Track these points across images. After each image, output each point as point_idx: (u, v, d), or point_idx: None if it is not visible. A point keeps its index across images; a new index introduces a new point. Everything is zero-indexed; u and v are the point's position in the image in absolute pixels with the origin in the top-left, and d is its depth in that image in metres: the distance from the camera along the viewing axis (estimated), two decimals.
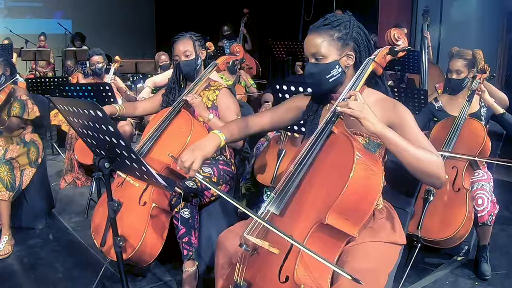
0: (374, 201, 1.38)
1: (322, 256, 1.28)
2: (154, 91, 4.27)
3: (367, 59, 1.54)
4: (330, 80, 1.54)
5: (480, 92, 2.60)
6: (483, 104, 2.69)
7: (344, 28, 1.52)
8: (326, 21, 1.53)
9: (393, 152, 1.41)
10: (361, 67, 1.54)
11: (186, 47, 2.38)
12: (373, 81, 1.61)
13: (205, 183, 1.47)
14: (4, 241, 2.67)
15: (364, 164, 1.35)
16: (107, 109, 2.34)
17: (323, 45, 1.51)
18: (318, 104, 1.67)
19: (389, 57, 1.58)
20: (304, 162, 1.46)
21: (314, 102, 1.68)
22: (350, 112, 1.39)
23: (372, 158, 1.40)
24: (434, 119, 2.82)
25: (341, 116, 1.46)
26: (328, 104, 1.65)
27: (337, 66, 1.53)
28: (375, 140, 1.54)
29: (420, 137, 1.45)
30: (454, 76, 2.66)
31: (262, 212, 1.45)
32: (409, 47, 1.59)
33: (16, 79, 2.99)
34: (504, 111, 2.63)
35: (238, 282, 1.46)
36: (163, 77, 4.09)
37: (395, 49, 1.56)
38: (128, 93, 4.47)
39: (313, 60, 1.55)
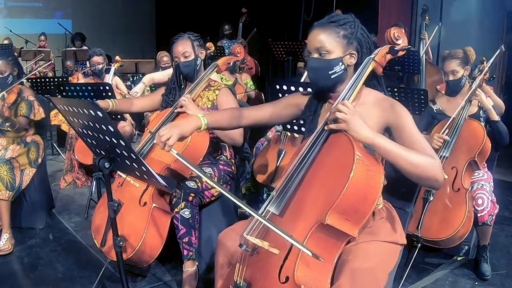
0: (374, 201, 1.37)
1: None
2: (154, 88, 4.26)
3: (367, 58, 1.54)
4: (332, 77, 1.53)
5: (477, 97, 2.59)
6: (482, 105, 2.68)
7: (350, 27, 1.52)
8: (332, 19, 1.53)
9: (386, 159, 1.41)
10: (361, 66, 1.54)
11: (185, 48, 2.37)
12: (373, 81, 1.60)
13: (183, 161, 1.48)
14: (4, 238, 2.67)
15: (364, 163, 1.34)
16: (99, 103, 2.32)
17: (328, 41, 1.51)
18: (317, 103, 1.66)
19: (389, 56, 1.57)
20: (303, 162, 1.45)
21: (313, 101, 1.67)
22: (336, 127, 1.42)
23: (372, 157, 1.39)
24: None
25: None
26: (327, 104, 1.64)
27: (340, 63, 1.52)
28: None
29: (418, 137, 1.44)
30: (451, 78, 2.67)
31: (262, 212, 1.45)
32: (409, 46, 1.59)
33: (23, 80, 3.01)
34: (499, 119, 2.62)
35: (238, 282, 1.46)
36: (162, 75, 4.08)
37: (395, 48, 1.56)
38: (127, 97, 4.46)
39: (316, 55, 1.54)
